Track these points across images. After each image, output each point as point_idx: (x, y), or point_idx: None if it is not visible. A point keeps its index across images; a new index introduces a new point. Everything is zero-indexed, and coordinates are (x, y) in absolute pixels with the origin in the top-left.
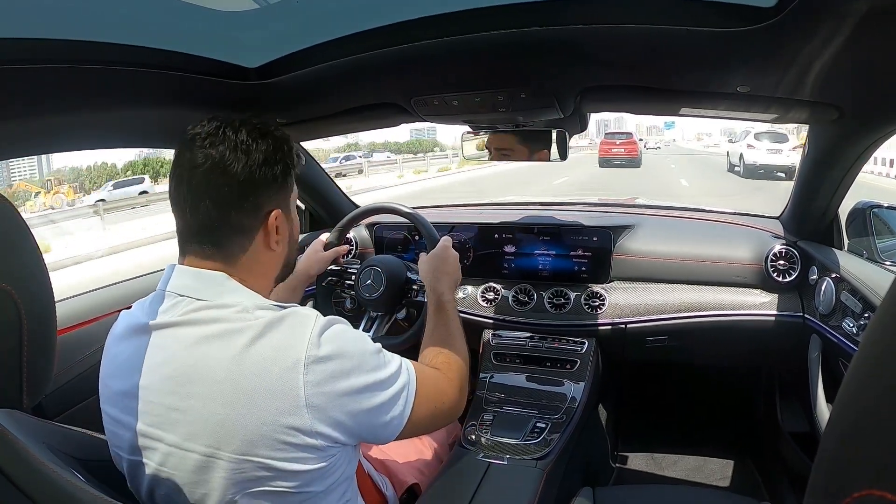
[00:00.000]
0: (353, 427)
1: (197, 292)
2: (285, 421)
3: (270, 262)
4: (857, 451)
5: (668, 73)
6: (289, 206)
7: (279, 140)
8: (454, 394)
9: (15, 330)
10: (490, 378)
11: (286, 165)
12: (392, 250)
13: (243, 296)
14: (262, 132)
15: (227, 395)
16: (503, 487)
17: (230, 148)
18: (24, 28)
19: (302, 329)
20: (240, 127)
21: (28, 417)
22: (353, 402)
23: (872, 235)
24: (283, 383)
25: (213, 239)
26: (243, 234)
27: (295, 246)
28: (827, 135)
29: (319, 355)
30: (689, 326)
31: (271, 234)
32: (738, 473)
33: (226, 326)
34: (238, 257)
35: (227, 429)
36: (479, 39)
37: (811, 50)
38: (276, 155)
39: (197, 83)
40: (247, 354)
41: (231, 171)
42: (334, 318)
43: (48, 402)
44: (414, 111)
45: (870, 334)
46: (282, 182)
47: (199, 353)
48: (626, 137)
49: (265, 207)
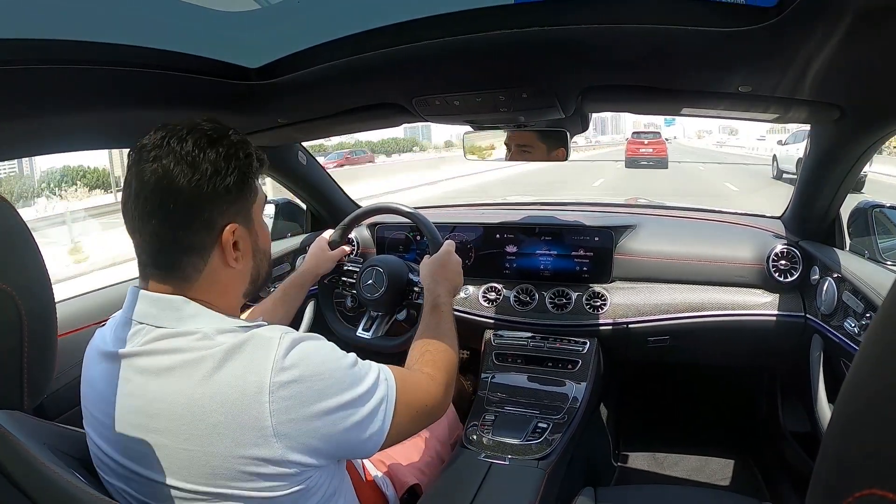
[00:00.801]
0: (330, 449)
1: (156, 319)
2: (253, 453)
3: (232, 280)
4: (859, 451)
5: (669, 72)
6: (249, 217)
7: (233, 146)
8: (439, 392)
9: (15, 330)
10: (491, 378)
11: (242, 174)
12: (394, 251)
13: (204, 320)
14: (211, 140)
15: (191, 430)
16: (504, 488)
17: (175, 161)
18: (25, 28)
19: (265, 352)
20: (187, 136)
21: (29, 418)
22: (327, 425)
23: (874, 235)
24: (248, 414)
25: (166, 261)
26: (197, 254)
27: (265, 258)
28: (828, 134)
29: (284, 380)
30: (690, 326)
31: (228, 252)
32: (740, 473)
33: (185, 357)
34: (194, 278)
35: (195, 464)
36: (480, 39)
37: (812, 49)
38: (228, 164)
39: (198, 83)
40: (208, 386)
41: (177, 186)
42: (302, 335)
43: (49, 403)
44: (415, 111)
45: (871, 334)
46: (237, 193)
47: (159, 386)
48: (654, 137)
49: (219, 223)
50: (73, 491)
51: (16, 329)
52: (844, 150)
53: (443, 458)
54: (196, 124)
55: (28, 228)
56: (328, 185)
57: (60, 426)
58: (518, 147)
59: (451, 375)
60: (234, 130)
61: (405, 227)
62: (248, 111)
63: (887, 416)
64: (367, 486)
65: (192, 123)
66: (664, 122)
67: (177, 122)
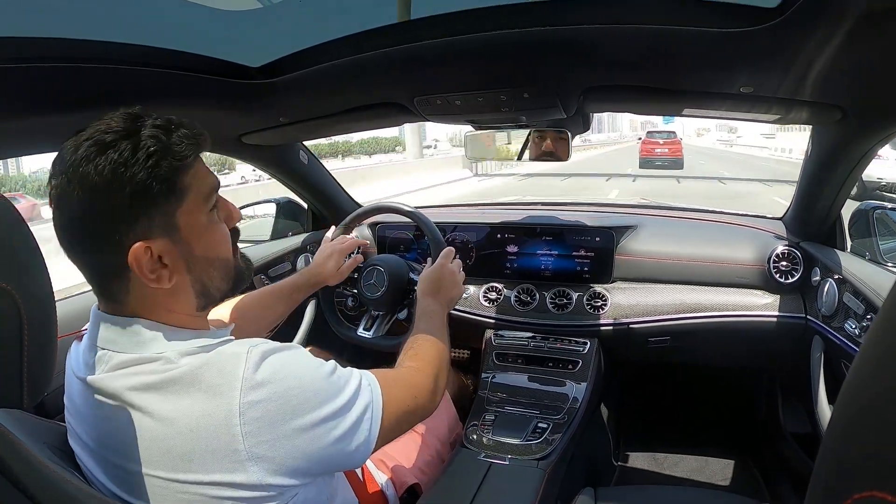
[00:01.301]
0: (313, 467)
1: (115, 345)
2: (229, 479)
3: (167, 299)
4: (859, 453)
5: (671, 73)
6: (173, 224)
7: (132, 147)
8: (426, 384)
9: (15, 329)
10: (492, 378)
11: (146, 179)
12: (395, 250)
13: (164, 342)
14: (103, 145)
15: (161, 460)
16: (504, 487)
17: (67, 177)
18: (26, 27)
19: (232, 370)
20: (82, 142)
21: (29, 417)
22: (307, 443)
23: (875, 236)
24: (219, 439)
25: (94, 283)
26: (115, 277)
27: (211, 266)
28: (830, 136)
29: (255, 399)
30: (691, 327)
31: (142, 273)
32: (740, 474)
33: (148, 383)
34: (128, 302)
35: (171, 491)
36: (481, 39)
37: (814, 50)
38: (124, 171)
39: (199, 82)
40: (175, 413)
41: (71, 205)
42: (273, 347)
43: (49, 401)
44: (416, 111)
45: (872, 335)
46: (141, 204)
47: (126, 416)
48: (669, 137)
49: (125, 243)
50: (72, 490)
51: (16, 328)
52: (846, 152)
53: (443, 457)
54: (98, 126)
55: (28, 227)
56: (329, 184)
57: (60, 424)
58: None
59: (439, 366)
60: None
61: (406, 226)
62: (250, 110)
63: (887, 417)
64: (367, 486)
65: (97, 125)
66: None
67: (89, 124)
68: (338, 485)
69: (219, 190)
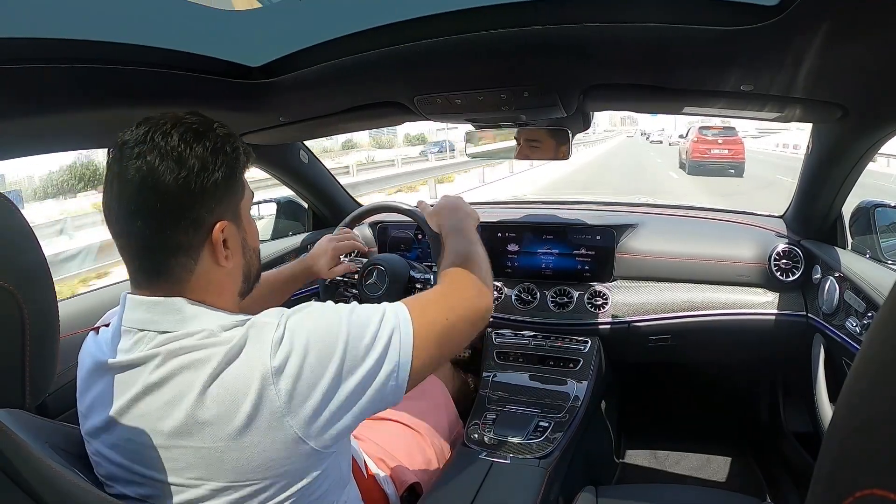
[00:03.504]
0: (356, 410)
1: (156, 325)
2: (268, 438)
3: (225, 278)
4: (860, 451)
5: (671, 71)
6: (237, 213)
7: (220, 140)
8: (471, 297)
9: (17, 329)
10: (493, 377)
11: (230, 169)
12: (395, 249)
13: (206, 319)
14: (197, 133)
15: (205, 430)
16: (506, 486)
17: (160, 157)
18: (26, 27)
19: (265, 337)
20: (171, 130)
21: (31, 417)
22: (338, 386)
23: (876, 234)
24: (260, 404)
25: (154, 263)
26: (186, 254)
27: (254, 255)
28: (831, 133)
29: (282, 361)
30: (691, 325)
31: (219, 250)
32: (741, 472)
33: (193, 357)
34: (186, 280)
35: (214, 461)
36: (482, 38)
37: (814, 49)
38: (216, 159)
39: (199, 82)
40: (219, 384)
41: (162, 184)
42: (297, 308)
43: (51, 401)
44: (417, 110)
45: (872, 333)
46: (225, 189)
47: (170, 389)
48: (729, 134)
49: (207, 221)
50: (75, 489)
51: (17, 327)
52: (847, 150)
53: (443, 456)
54: (180, 118)
55: (29, 226)
56: (330, 183)
57: (62, 424)
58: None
59: (477, 273)
60: (219, 124)
61: (407, 225)
62: (250, 110)
63: (888, 416)
64: (368, 484)
65: (176, 117)
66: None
67: (159, 116)
68: (347, 482)
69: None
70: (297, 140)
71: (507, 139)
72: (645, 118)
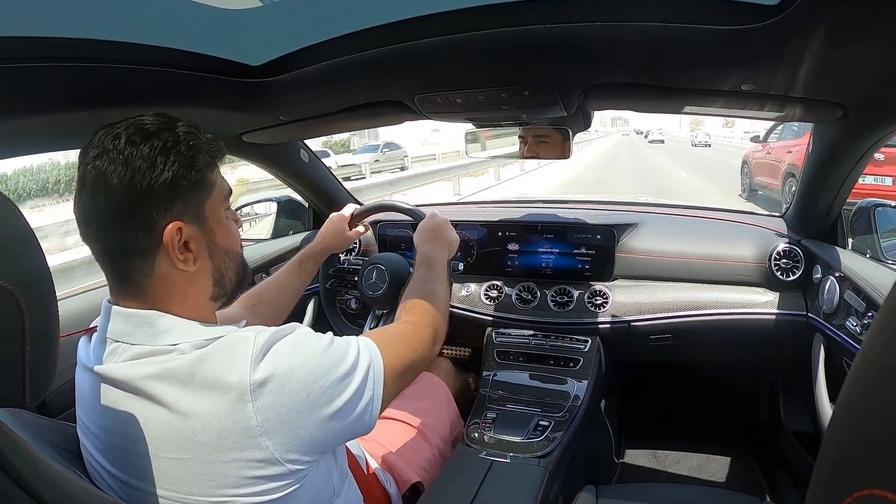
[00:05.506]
0: (327, 437)
1: (130, 337)
2: (244, 456)
3: (189, 283)
4: (860, 451)
5: (672, 71)
6: (200, 213)
7: (173, 139)
8: (423, 336)
9: (18, 328)
10: (493, 376)
11: (185, 168)
12: (395, 248)
13: (179, 333)
14: (146, 134)
15: (175, 443)
16: (506, 485)
17: (108, 160)
18: (26, 26)
19: (241, 354)
20: (122, 133)
21: (31, 416)
22: (317, 412)
23: (876, 234)
24: (233, 419)
25: (114, 268)
26: (142, 258)
27: (228, 257)
28: (831, 133)
29: (263, 378)
30: (692, 325)
31: (173, 253)
32: (741, 472)
33: (162, 370)
34: (146, 284)
35: (190, 474)
36: (483, 37)
37: (814, 48)
38: (165, 158)
39: (200, 81)
40: (187, 398)
41: (110, 185)
42: (276, 330)
43: (51, 401)
44: (417, 109)
45: (872, 334)
46: (179, 189)
47: (138, 403)
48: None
49: (159, 223)
50: (75, 489)
51: (17, 326)
52: (847, 149)
53: (444, 455)
54: (136, 120)
55: (29, 226)
56: (330, 182)
57: (63, 423)
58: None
59: (435, 316)
60: (183, 122)
61: (407, 224)
62: (250, 109)
63: (888, 416)
64: (369, 483)
65: (133, 120)
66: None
67: (120, 120)
68: (344, 482)
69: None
70: (297, 139)
71: (507, 145)
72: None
